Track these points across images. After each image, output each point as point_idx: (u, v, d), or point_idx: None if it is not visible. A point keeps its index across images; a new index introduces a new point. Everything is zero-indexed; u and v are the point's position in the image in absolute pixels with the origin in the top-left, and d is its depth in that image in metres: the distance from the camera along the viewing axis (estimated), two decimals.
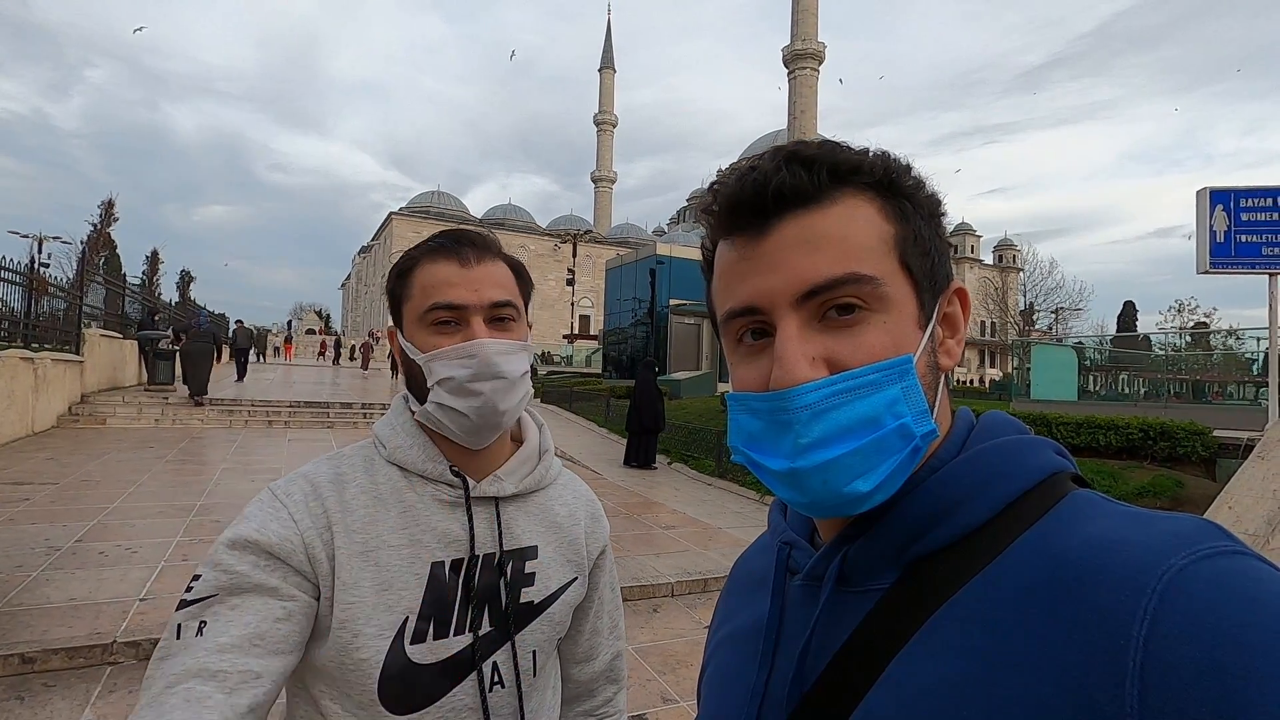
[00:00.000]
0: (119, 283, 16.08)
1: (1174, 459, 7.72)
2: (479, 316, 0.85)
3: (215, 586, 0.75)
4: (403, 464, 0.88)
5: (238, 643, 0.71)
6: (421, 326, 0.86)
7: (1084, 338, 36.54)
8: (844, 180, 0.48)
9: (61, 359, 10.90)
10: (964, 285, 0.53)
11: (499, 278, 0.88)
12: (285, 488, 0.85)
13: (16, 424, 9.34)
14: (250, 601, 0.74)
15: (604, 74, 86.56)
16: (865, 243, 0.47)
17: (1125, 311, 72.84)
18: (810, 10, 54.84)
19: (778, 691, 0.50)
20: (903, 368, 0.46)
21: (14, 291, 10.25)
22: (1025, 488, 0.46)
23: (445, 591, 0.85)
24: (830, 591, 0.49)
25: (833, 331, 0.47)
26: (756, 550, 0.66)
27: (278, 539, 0.79)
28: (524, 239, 66.49)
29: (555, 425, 13.92)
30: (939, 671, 0.42)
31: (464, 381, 0.83)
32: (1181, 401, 15.87)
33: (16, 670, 3.26)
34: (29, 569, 4.36)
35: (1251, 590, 0.35)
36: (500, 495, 0.91)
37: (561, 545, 0.96)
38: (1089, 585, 0.38)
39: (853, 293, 0.46)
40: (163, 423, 12.00)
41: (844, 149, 0.49)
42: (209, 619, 0.72)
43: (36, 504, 6.07)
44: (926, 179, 0.51)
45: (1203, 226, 7.82)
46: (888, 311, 0.47)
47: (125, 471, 7.68)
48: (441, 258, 0.86)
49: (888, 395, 0.45)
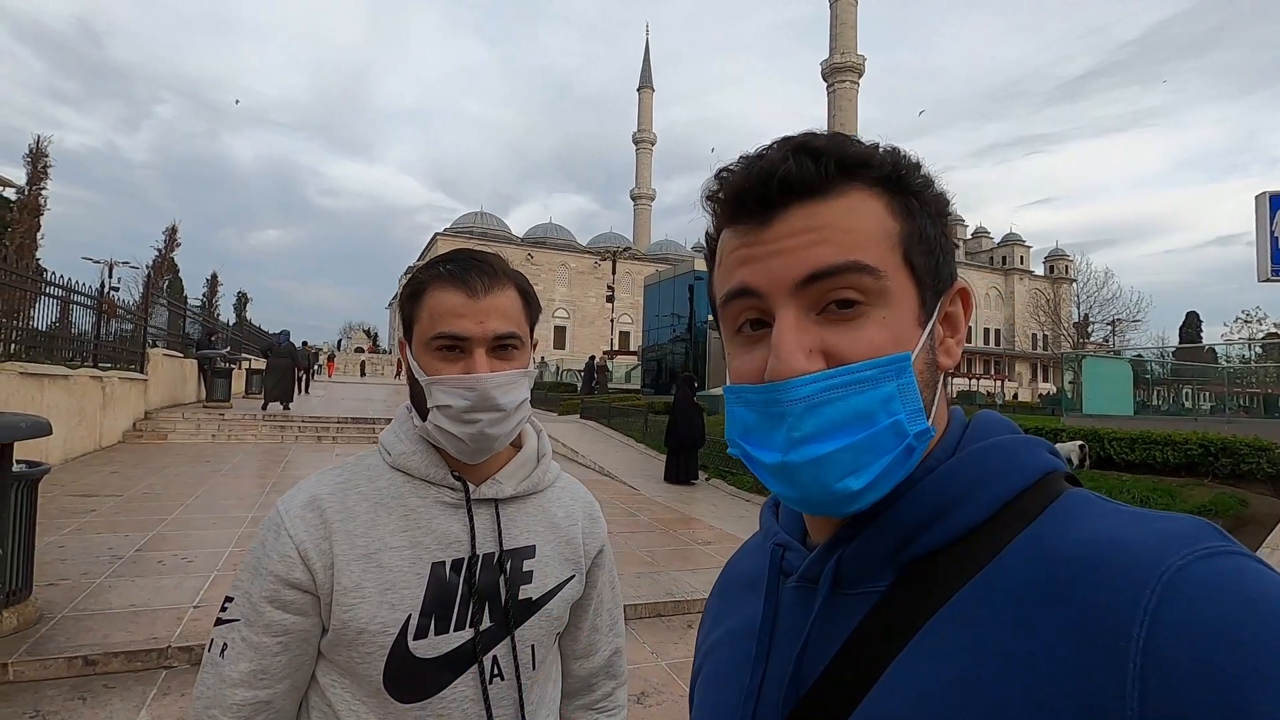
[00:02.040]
0: (180, 305, 16.88)
1: (1237, 476, 7.35)
2: (482, 348, 0.89)
3: (239, 613, 0.88)
4: (406, 469, 0.94)
5: (245, 679, 0.86)
6: (428, 350, 0.90)
7: (1143, 349, 35.04)
8: (851, 174, 0.47)
9: (127, 378, 11.47)
10: (967, 285, 0.52)
11: (505, 308, 0.92)
12: (286, 504, 0.92)
13: (86, 439, 9.86)
14: (258, 638, 0.87)
15: (642, 93, 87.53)
16: (869, 235, 0.46)
17: (1188, 323, 69.73)
18: (849, 24, 54.63)
19: (772, 695, 0.50)
20: (900, 364, 0.45)
21: (85, 314, 10.86)
22: (1021, 487, 0.46)
23: (447, 589, 0.90)
24: (826, 594, 0.49)
25: (832, 325, 0.46)
26: (748, 551, 0.66)
27: (279, 558, 0.87)
28: (565, 257, 67.24)
29: (594, 441, 14.00)
30: (938, 674, 0.41)
31: (461, 411, 0.88)
32: (1249, 416, 15.07)
33: (80, 672, 3.43)
34: (94, 575, 4.60)
35: (1251, 590, 0.35)
36: (499, 497, 0.96)
37: (559, 544, 1.01)
38: (1088, 585, 0.38)
39: (854, 283, 0.46)
40: (219, 438, 12.49)
41: (854, 142, 0.48)
42: (230, 644, 0.87)
43: (102, 515, 6.39)
44: (935, 177, 0.51)
45: (1263, 232, 7.48)
46: (888, 307, 0.46)
47: (183, 484, 8.02)
48: (450, 286, 0.90)
49: (883, 392, 0.45)
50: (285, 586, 0.86)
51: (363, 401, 19.56)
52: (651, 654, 4.18)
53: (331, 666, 0.89)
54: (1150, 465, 7.73)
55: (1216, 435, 7.74)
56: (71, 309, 10.32)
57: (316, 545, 0.87)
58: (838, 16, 54.53)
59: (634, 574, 5.45)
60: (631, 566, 5.67)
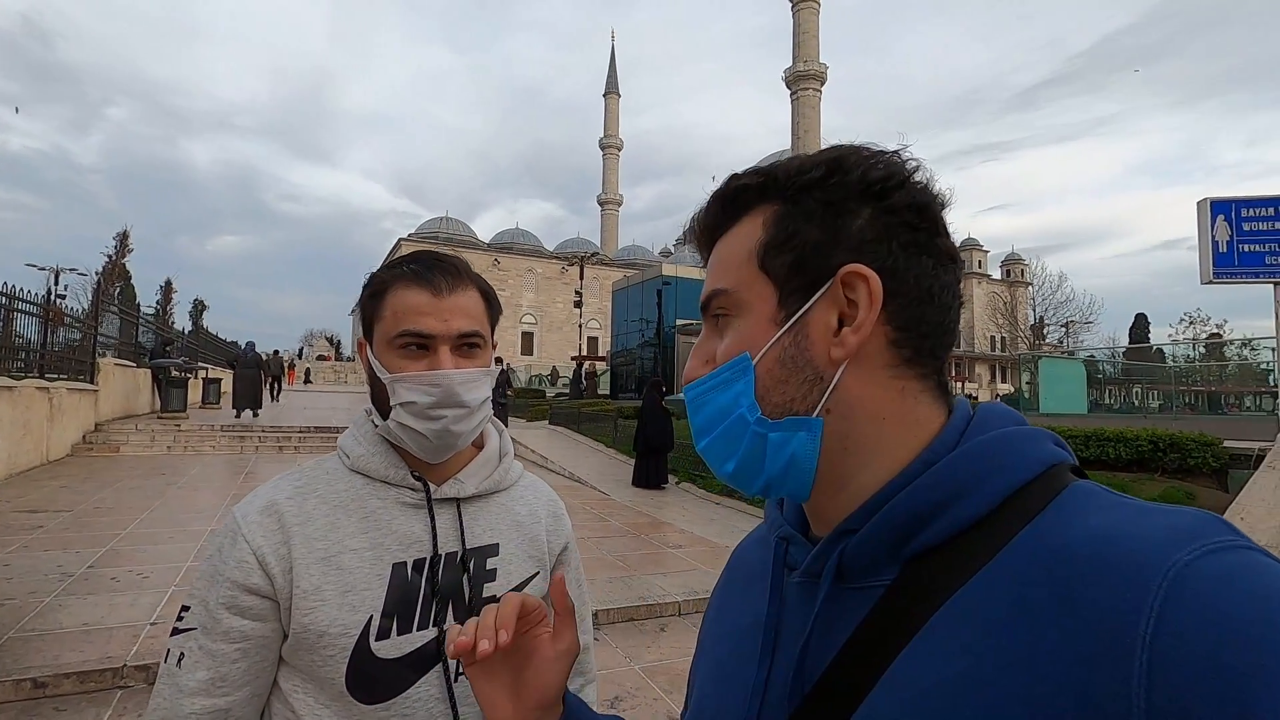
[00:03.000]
0: (133, 312, 16.34)
1: (1185, 470, 7.65)
2: (446, 345, 0.90)
3: (196, 621, 0.87)
4: (366, 471, 0.94)
5: (203, 687, 0.84)
6: (391, 348, 0.90)
7: (1095, 350, 36.27)
8: (743, 205, 0.54)
9: (76, 388, 11.06)
10: (859, 268, 0.48)
11: (468, 307, 0.93)
12: (243, 510, 0.91)
13: (32, 453, 9.46)
14: (215, 645, 0.85)
15: (609, 99, 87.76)
16: (734, 259, 0.54)
17: (1137, 324, 72.32)
18: (811, 33, 55.59)
19: (778, 690, 0.50)
20: (741, 366, 0.52)
21: (30, 323, 10.45)
22: (1025, 480, 0.46)
23: (409, 589, 0.89)
24: (828, 589, 0.49)
25: (717, 335, 0.55)
26: (753, 541, 0.66)
27: (235, 564, 0.86)
28: (531, 262, 66.91)
29: (564, 447, 13.94)
30: (942, 671, 0.41)
31: (426, 407, 0.89)
32: (1195, 413, 15.70)
33: (29, 695, 3.29)
34: (42, 594, 4.41)
35: (1258, 586, 0.35)
36: (461, 496, 0.96)
37: (523, 542, 1.01)
38: (1091, 582, 0.38)
39: (720, 304, 0.55)
40: (175, 450, 12.10)
41: (757, 172, 0.54)
42: (186, 652, 0.85)
43: (50, 531, 6.13)
44: (854, 166, 0.50)
45: (1205, 237, 7.83)
46: (742, 316, 0.53)
47: (137, 498, 7.75)
48: (415, 285, 0.90)
49: (735, 390, 0.52)
50: (243, 592, 0.85)
51: (327, 411, 19.15)
52: (625, 658, 4.17)
53: (294, 672, 0.88)
54: (1104, 461, 7.99)
55: (1165, 432, 8.03)
56: (15, 317, 9.92)
57: (275, 550, 0.86)
58: (800, 25, 55.42)
59: (606, 579, 5.44)
60: (604, 571, 5.66)
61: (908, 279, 0.49)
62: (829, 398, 0.50)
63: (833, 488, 0.51)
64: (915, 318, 0.50)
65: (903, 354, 0.50)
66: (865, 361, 0.50)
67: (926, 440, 0.50)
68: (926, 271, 0.50)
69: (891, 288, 0.49)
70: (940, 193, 0.52)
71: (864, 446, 0.50)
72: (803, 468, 0.51)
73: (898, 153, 0.52)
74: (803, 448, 0.50)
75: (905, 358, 0.50)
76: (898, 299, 0.49)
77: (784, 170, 0.53)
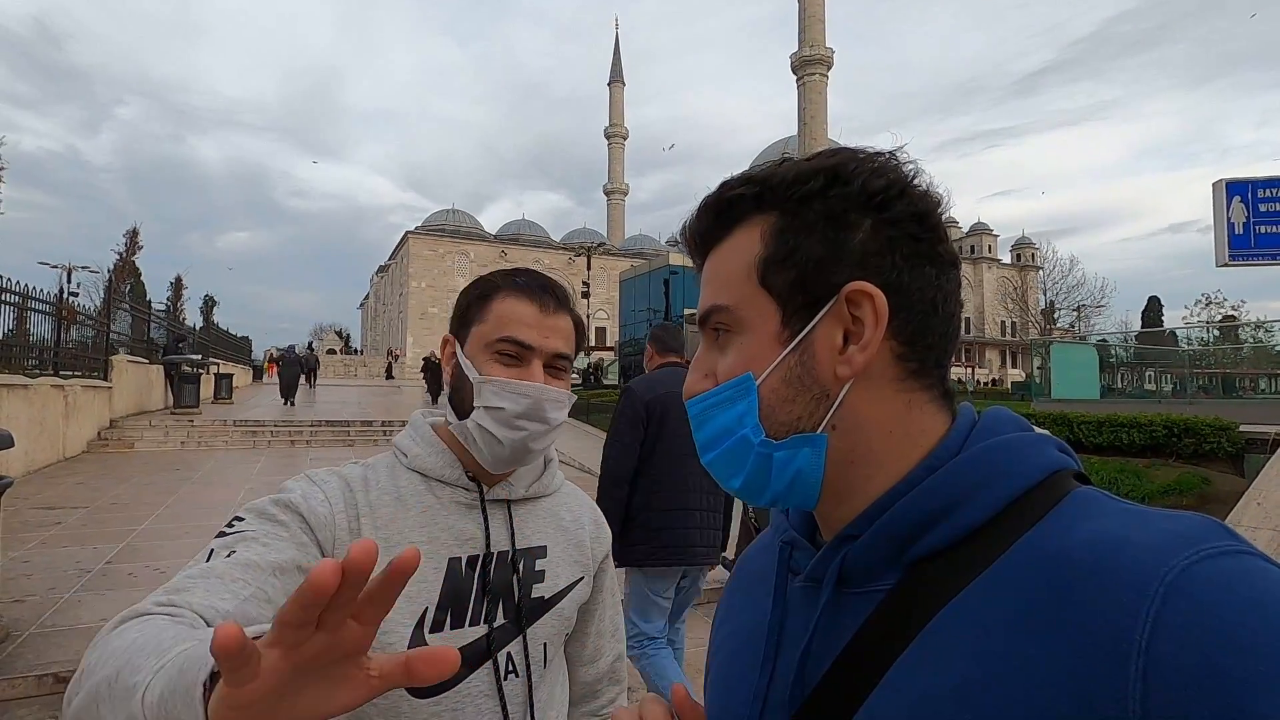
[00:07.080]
0: (144, 309, 16.43)
1: (1200, 455, 7.58)
2: (540, 361, 0.92)
3: (255, 526, 0.79)
4: (423, 470, 0.95)
5: (264, 566, 0.73)
6: (486, 351, 0.92)
7: (1107, 335, 35.96)
8: (735, 217, 0.53)
9: (90, 385, 11.17)
10: (864, 285, 0.48)
11: (566, 331, 0.96)
12: (323, 476, 0.92)
13: (48, 450, 9.58)
14: (285, 544, 0.78)
15: (613, 88, 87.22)
16: (733, 274, 0.52)
17: (1150, 307, 71.72)
18: (817, 17, 54.99)
19: (779, 695, 0.50)
20: (744, 386, 0.51)
21: (44, 321, 10.54)
22: (1027, 486, 0.46)
23: (462, 585, 0.91)
24: (830, 594, 0.49)
25: (718, 350, 0.54)
26: (759, 548, 0.66)
27: (321, 508, 0.85)
28: (539, 253, 66.82)
29: (574, 438, 13.97)
30: (940, 677, 0.41)
31: (513, 415, 0.90)
32: (1210, 397, 15.54)
33: (51, 690, 3.34)
34: (61, 590, 4.48)
35: (1255, 592, 0.35)
36: (511, 498, 0.98)
37: (569, 547, 1.03)
38: (1089, 588, 0.38)
39: (720, 319, 0.53)
40: (188, 445, 12.22)
41: (748, 181, 0.52)
42: (240, 549, 0.75)
43: (68, 527, 6.22)
44: (857, 175, 0.49)
45: (1220, 219, 7.70)
46: (744, 333, 0.52)
47: (153, 494, 7.83)
48: (524, 296, 0.93)
49: (738, 409, 0.51)
50: (314, 535, 0.82)
51: (337, 405, 19.28)
52: None
53: None
54: (1117, 447, 7.93)
55: (1179, 416, 7.96)
56: (29, 316, 10.01)
57: (349, 522, 0.87)
58: (805, 10, 54.73)
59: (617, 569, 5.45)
60: None
61: (912, 292, 0.49)
62: (835, 414, 0.49)
63: (839, 497, 0.51)
64: (920, 330, 0.50)
65: (909, 367, 0.50)
66: (872, 377, 0.49)
67: (930, 447, 0.50)
68: (930, 282, 0.50)
69: (896, 302, 0.48)
70: (940, 196, 0.51)
71: (870, 458, 0.50)
72: (808, 481, 0.51)
73: (895, 155, 0.51)
74: (808, 463, 0.50)
75: (911, 370, 0.50)
76: (903, 313, 0.49)
77: (780, 179, 0.51)
